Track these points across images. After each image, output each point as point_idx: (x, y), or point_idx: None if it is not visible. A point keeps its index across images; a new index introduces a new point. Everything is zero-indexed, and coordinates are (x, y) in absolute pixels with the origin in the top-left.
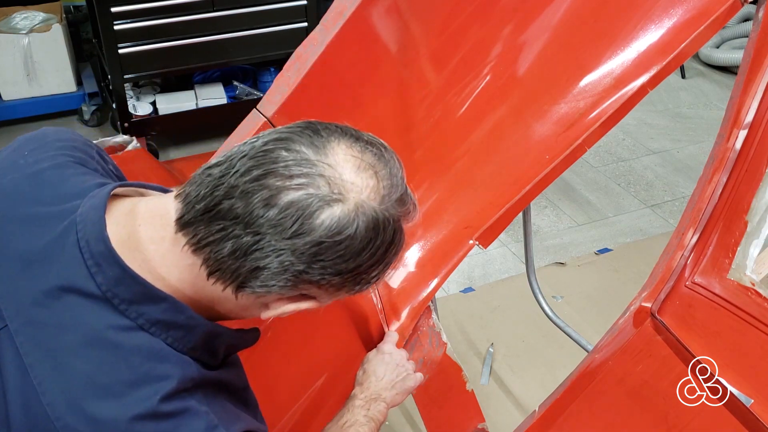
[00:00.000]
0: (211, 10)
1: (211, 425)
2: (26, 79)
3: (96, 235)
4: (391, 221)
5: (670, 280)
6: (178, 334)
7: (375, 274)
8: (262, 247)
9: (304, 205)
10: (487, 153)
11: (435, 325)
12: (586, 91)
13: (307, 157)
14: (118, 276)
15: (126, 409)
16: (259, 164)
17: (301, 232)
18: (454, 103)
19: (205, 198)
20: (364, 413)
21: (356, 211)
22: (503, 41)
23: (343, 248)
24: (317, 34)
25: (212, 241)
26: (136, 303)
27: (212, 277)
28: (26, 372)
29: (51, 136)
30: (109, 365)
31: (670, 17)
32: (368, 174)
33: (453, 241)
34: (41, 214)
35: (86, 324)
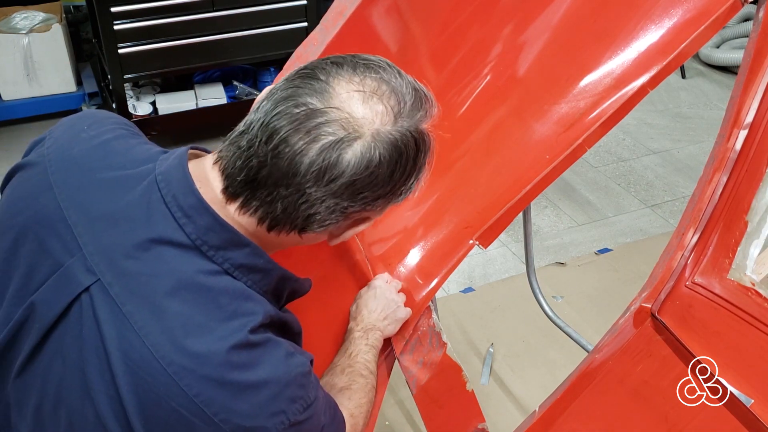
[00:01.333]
0: (211, 10)
1: (288, 352)
2: (26, 79)
3: (184, 189)
4: (409, 134)
5: (670, 280)
6: (256, 277)
7: (412, 181)
8: (307, 200)
9: (326, 155)
10: (487, 153)
11: (435, 325)
12: (586, 91)
13: (315, 108)
14: (209, 224)
15: (222, 342)
16: (275, 131)
17: (333, 177)
18: (454, 103)
19: (243, 170)
20: (364, 342)
21: (374, 142)
22: (503, 41)
23: (374, 177)
24: (317, 34)
25: (262, 206)
26: (223, 249)
27: (273, 231)
28: (125, 319)
29: (101, 114)
30: (202, 305)
31: (670, 17)
32: (374, 101)
33: (453, 241)
34: (117, 177)
35: (177, 270)
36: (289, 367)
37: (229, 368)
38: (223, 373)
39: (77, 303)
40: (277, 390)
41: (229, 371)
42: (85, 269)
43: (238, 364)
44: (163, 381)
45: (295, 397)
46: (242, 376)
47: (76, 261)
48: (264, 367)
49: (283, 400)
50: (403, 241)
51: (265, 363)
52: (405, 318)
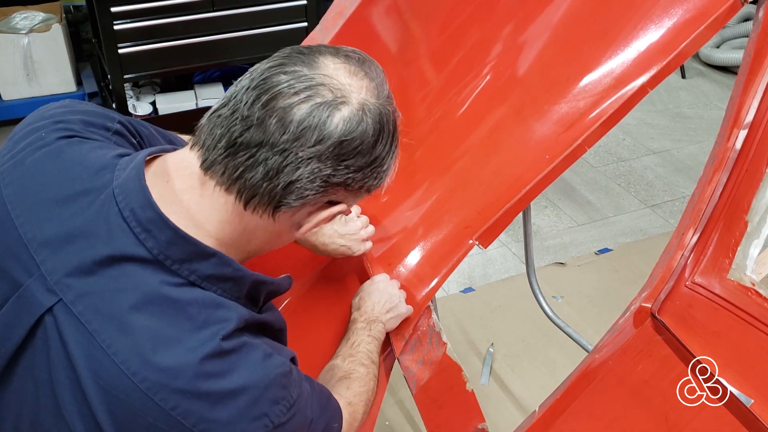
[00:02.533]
0: (211, 10)
1: (266, 354)
2: (26, 79)
3: (142, 203)
4: (390, 112)
5: (670, 280)
6: (227, 285)
7: (387, 165)
8: (291, 161)
9: (316, 114)
10: (487, 153)
11: (435, 325)
12: (586, 91)
13: (304, 74)
14: (170, 238)
15: (193, 352)
16: (264, 91)
17: (321, 138)
18: (454, 102)
19: (224, 136)
20: (367, 333)
21: (362, 109)
22: (503, 41)
23: (359, 143)
24: (317, 34)
25: (243, 171)
26: (188, 261)
27: (249, 206)
28: (91, 338)
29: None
30: (170, 317)
31: (670, 17)
32: (359, 76)
33: (453, 241)
34: (73, 191)
35: (142, 285)
36: (267, 369)
37: (203, 378)
38: (198, 384)
39: (41, 325)
40: (256, 394)
41: (203, 381)
42: (45, 289)
43: (212, 373)
44: (137, 397)
45: (277, 399)
46: (218, 385)
47: (35, 281)
48: (240, 373)
49: (265, 403)
50: (403, 241)
51: (240, 369)
52: (407, 314)
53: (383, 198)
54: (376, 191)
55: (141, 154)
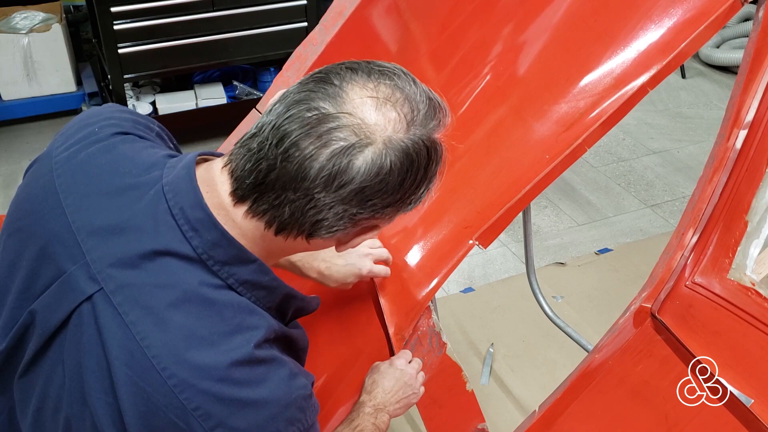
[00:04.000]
0: (211, 10)
1: (293, 372)
2: (26, 79)
3: (192, 202)
4: (422, 142)
5: (670, 280)
6: (261, 293)
7: (422, 190)
8: (315, 205)
9: (336, 161)
10: (487, 153)
11: (435, 325)
12: (586, 90)
13: (327, 112)
14: (216, 239)
15: (225, 355)
16: (286, 134)
17: (342, 183)
18: (454, 102)
19: (252, 173)
20: (372, 420)
21: (385, 149)
22: (503, 41)
23: (384, 185)
24: (317, 33)
25: (269, 209)
26: (229, 264)
27: (280, 235)
28: (127, 329)
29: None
30: (205, 318)
31: (670, 17)
32: (387, 108)
33: (453, 241)
34: (123, 185)
35: (182, 282)
36: (291, 388)
37: (230, 384)
38: (224, 388)
39: (78, 311)
40: (276, 411)
41: (229, 387)
42: (88, 277)
43: (240, 380)
44: (163, 392)
45: (293, 420)
46: (243, 393)
47: (79, 269)
48: (266, 386)
49: (281, 422)
50: (403, 241)
51: (267, 382)
52: (416, 402)
53: None
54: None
55: (191, 155)
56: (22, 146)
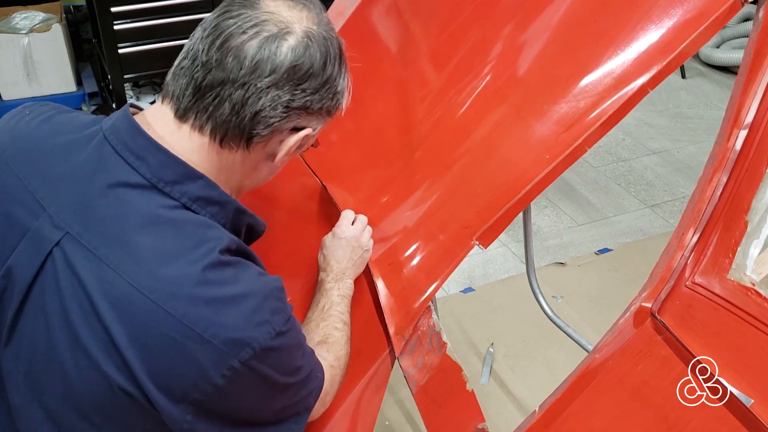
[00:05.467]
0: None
1: (259, 271)
2: (26, 79)
3: (132, 134)
4: (333, 36)
5: (670, 280)
6: (214, 209)
7: (340, 86)
8: (252, 93)
9: (266, 46)
10: (487, 153)
11: (435, 325)
12: (586, 91)
13: (248, 14)
14: (162, 161)
15: (196, 264)
16: (217, 36)
17: (274, 68)
18: (454, 102)
19: (189, 84)
20: (336, 293)
21: (305, 35)
22: (503, 41)
23: (309, 66)
24: None
25: (212, 110)
26: (179, 183)
27: (224, 144)
28: (100, 262)
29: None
30: (169, 236)
31: (670, 17)
32: (299, 9)
33: (453, 241)
34: (66, 141)
35: (140, 209)
36: (264, 282)
37: (208, 285)
38: (203, 290)
39: (50, 259)
40: (257, 301)
41: (208, 288)
42: (52, 226)
43: (215, 281)
44: (149, 309)
45: (276, 309)
46: (221, 291)
47: (43, 221)
48: (241, 283)
49: (266, 311)
50: (403, 241)
51: (240, 279)
52: (370, 252)
53: (383, 198)
54: (336, 113)
55: (124, 106)
56: None
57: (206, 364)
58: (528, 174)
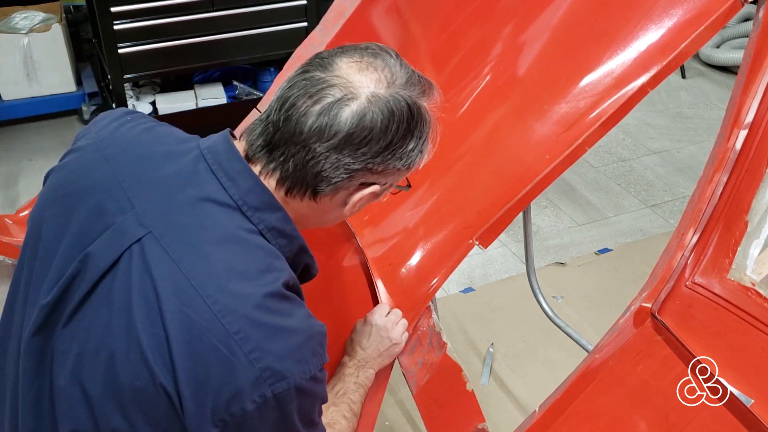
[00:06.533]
0: (211, 10)
1: (309, 313)
2: (26, 79)
3: (229, 157)
4: (402, 99)
5: (671, 280)
6: (283, 241)
7: (411, 146)
8: (312, 156)
9: (327, 112)
10: (487, 153)
11: (435, 325)
12: (586, 91)
13: (319, 77)
14: (251, 186)
15: (260, 288)
16: (288, 96)
17: (333, 133)
18: (454, 103)
19: (261, 135)
20: (354, 380)
21: (369, 101)
22: (503, 41)
23: (368, 132)
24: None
25: (277, 166)
26: (261, 210)
27: (290, 193)
28: (174, 264)
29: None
30: (242, 255)
31: (670, 17)
32: (369, 71)
33: (453, 241)
34: (165, 151)
35: (221, 224)
36: (313, 324)
37: (265, 311)
38: (260, 314)
39: (127, 253)
40: (303, 340)
41: (264, 314)
42: (137, 223)
43: (273, 309)
44: (207, 318)
45: (317, 352)
46: (276, 320)
47: (129, 217)
48: (293, 318)
49: (308, 351)
50: (403, 241)
51: (293, 315)
52: (399, 352)
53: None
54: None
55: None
56: (22, 146)
57: (243, 385)
58: (528, 174)
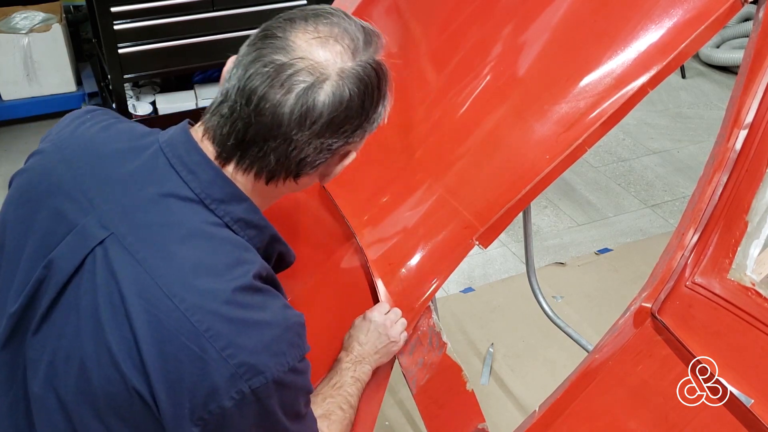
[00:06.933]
0: (211, 10)
1: (285, 304)
2: (26, 79)
3: (187, 148)
4: (369, 66)
5: (670, 280)
6: (252, 232)
7: (381, 107)
8: (295, 146)
9: (303, 99)
10: (487, 153)
11: (435, 325)
12: (586, 91)
13: (282, 62)
14: (212, 178)
15: (228, 282)
16: (252, 91)
17: (313, 120)
18: (454, 103)
19: (231, 135)
20: (351, 374)
21: (340, 77)
22: (503, 41)
23: (349, 111)
24: None
25: (256, 162)
26: (225, 202)
27: (271, 183)
28: (138, 265)
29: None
30: (209, 251)
31: (670, 17)
32: (331, 44)
33: (453, 241)
34: (124, 148)
35: (185, 220)
36: (288, 315)
37: (236, 306)
38: (231, 309)
39: (91, 256)
40: (279, 332)
41: (235, 309)
42: (99, 225)
43: (244, 303)
44: (175, 317)
45: (294, 344)
46: (248, 315)
47: (91, 219)
48: (266, 311)
49: (284, 343)
50: (403, 241)
51: (267, 307)
52: (397, 351)
53: (383, 198)
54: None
55: (183, 122)
56: (22, 146)
57: (218, 383)
58: (528, 174)
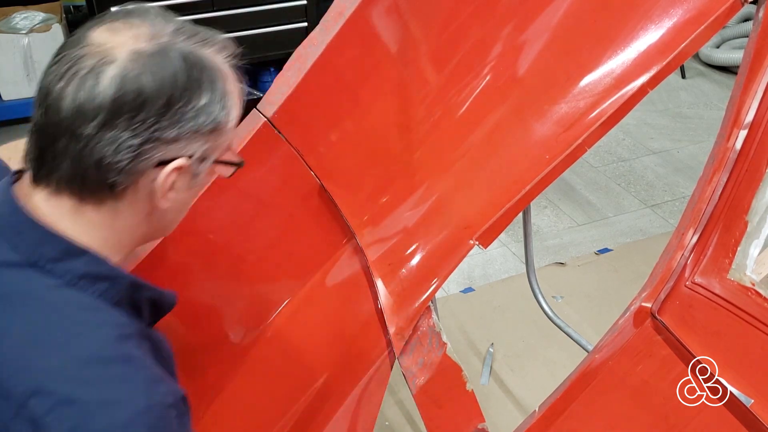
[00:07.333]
0: (211, 10)
1: (155, 377)
2: (26, 79)
3: (10, 211)
4: (172, 49)
5: (670, 280)
6: (103, 286)
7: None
8: (85, 142)
9: (82, 88)
10: (487, 153)
11: (435, 325)
12: (586, 91)
13: (72, 55)
14: (41, 237)
15: (71, 356)
16: (42, 87)
17: (96, 106)
18: (454, 103)
19: (33, 146)
20: None
21: (130, 60)
22: (503, 41)
23: (137, 93)
24: (317, 34)
25: (54, 172)
26: (61, 261)
27: (87, 201)
28: None
29: None
30: (46, 321)
31: (670, 17)
32: (125, 29)
33: (453, 241)
34: None
35: (16, 290)
36: (151, 392)
37: (83, 383)
38: (74, 389)
39: None
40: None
41: (81, 386)
42: None
43: (90, 380)
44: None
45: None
46: (93, 394)
47: None
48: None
49: (142, 427)
50: (403, 241)
51: (121, 382)
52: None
53: (383, 198)
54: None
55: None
56: None
57: None
58: (528, 174)
